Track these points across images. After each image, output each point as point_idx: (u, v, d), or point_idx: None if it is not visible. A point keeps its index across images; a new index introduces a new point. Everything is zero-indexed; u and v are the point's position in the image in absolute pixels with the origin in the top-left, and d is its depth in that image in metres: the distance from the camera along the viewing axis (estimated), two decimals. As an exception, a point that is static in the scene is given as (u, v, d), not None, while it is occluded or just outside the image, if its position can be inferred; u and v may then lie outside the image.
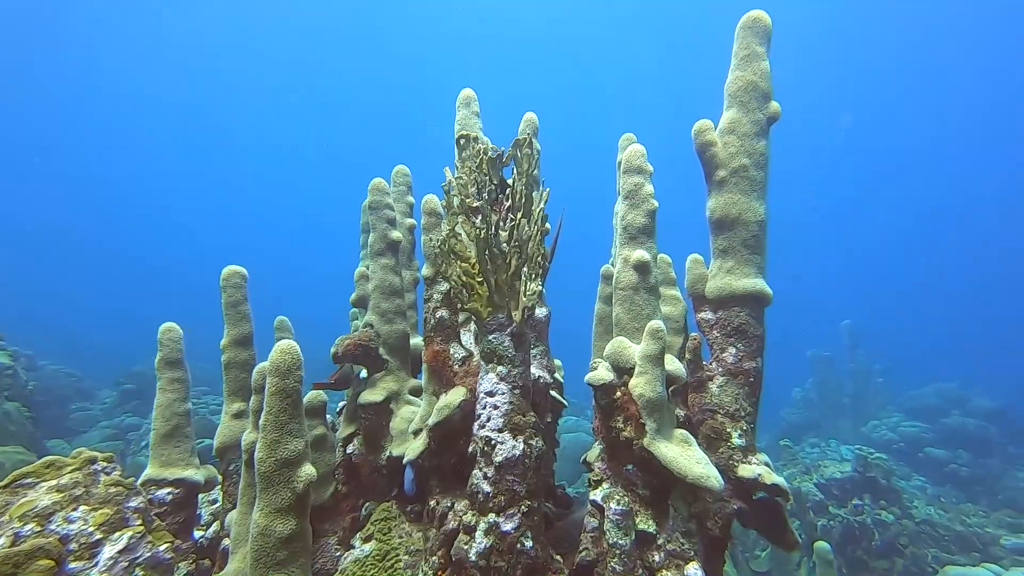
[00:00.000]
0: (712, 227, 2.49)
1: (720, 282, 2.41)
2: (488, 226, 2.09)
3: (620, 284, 2.22)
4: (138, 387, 9.31)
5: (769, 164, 2.37)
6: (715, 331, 2.42)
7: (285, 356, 1.49)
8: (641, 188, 2.20)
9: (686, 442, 1.85)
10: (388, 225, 2.75)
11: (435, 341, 2.29)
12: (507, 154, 2.25)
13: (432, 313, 2.31)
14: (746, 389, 2.25)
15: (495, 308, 2.11)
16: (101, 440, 7.64)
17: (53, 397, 8.92)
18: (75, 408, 9.01)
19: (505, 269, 2.11)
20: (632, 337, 2.14)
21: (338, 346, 2.48)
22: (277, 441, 1.45)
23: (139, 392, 9.18)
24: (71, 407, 9.06)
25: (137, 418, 8.45)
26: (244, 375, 2.28)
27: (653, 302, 2.17)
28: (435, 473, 2.15)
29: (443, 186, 2.20)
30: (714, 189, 2.46)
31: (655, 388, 1.90)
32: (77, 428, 8.27)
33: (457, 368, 2.26)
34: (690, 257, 2.65)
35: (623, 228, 2.25)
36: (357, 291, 2.80)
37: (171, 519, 1.96)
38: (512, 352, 2.07)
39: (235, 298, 2.26)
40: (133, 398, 9.20)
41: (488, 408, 2.04)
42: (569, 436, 8.67)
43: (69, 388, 9.71)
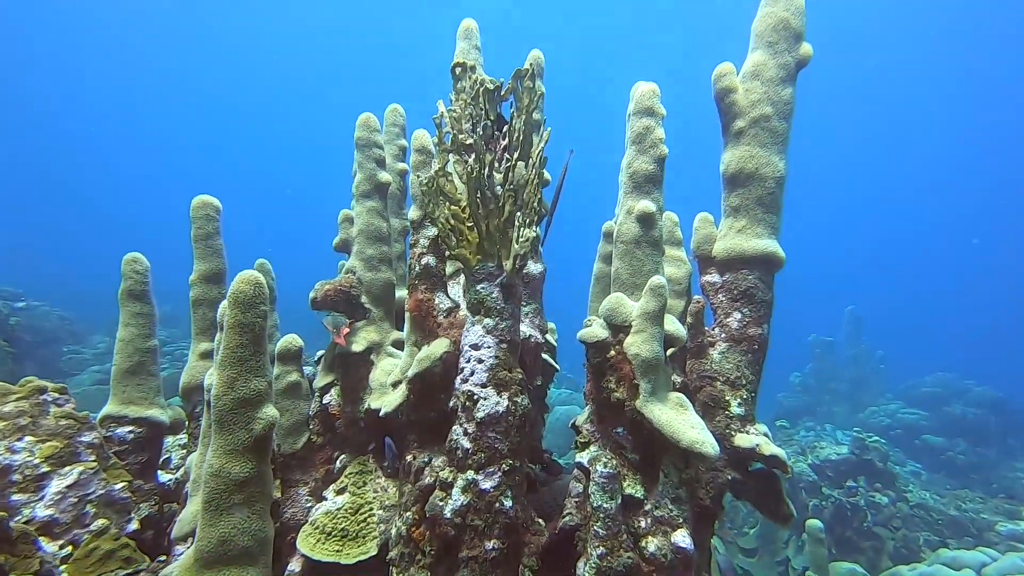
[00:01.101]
0: (725, 183, 2.34)
1: (729, 242, 2.27)
2: (481, 166, 1.95)
3: (621, 237, 2.08)
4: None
5: (793, 115, 2.19)
6: (720, 295, 2.30)
7: (247, 286, 1.37)
8: (651, 132, 2.03)
9: (681, 406, 1.75)
10: (376, 165, 2.60)
11: (419, 289, 2.17)
12: (506, 87, 2.08)
13: (417, 259, 2.19)
14: (749, 356, 2.14)
15: (485, 256, 1.98)
16: (91, 384, 7.65)
17: (44, 338, 8.90)
18: (67, 351, 9.02)
19: (498, 214, 1.97)
20: (631, 294, 2.02)
21: (317, 291, 2.36)
22: (234, 379, 1.35)
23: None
24: (63, 349, 9.07)
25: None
26: (213, 314, 2.18)
27: (655, 257, 2.04)
28: (413, 428, 2.07)
29: (434, 119, 2.03)
30: (731, 141, 2.30)
31: (652, 347, 1.79)
32: (68, 371, 8.28)
33: (442, 319, 2.15)
34: (699, 216, 2.51)
35: (628, 176, 2.10)
36: (340, 234, 2.67)
37: (132, 458, 1.88)
38: (500, 304, 1.95)
39: (205, 231, 2.13)
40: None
41: (472, 362, 1.94)
42: (563, 409, 8.68)
43: (62, 330, 9.68)
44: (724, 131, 2.34)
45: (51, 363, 8.43)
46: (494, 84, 2.07)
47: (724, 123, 2.33)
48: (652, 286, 1.81)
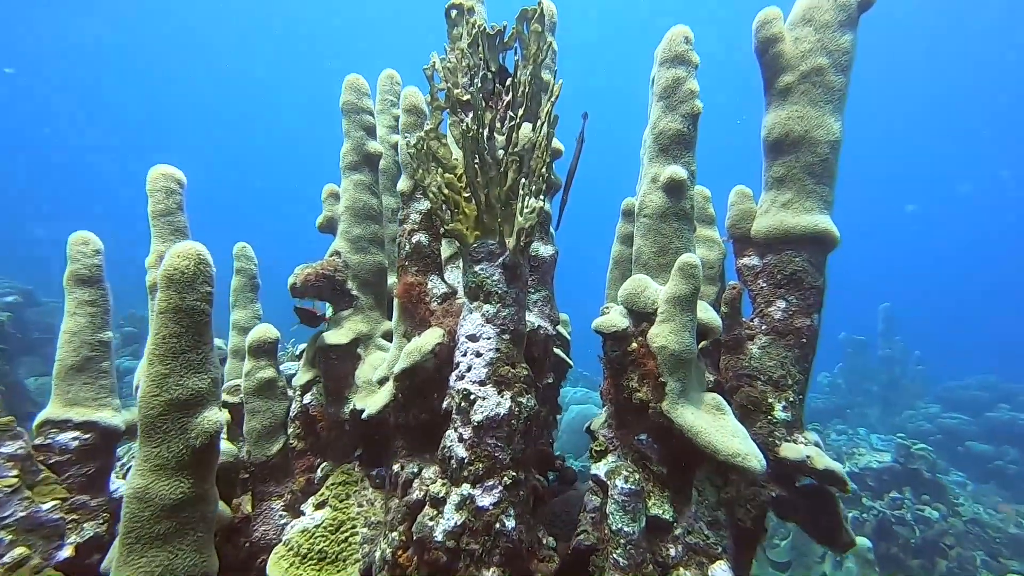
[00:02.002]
0: (767, 150, 2.06)
1: (772, 219, 1.99)
2: (480, 125, 1.69)
3: (645, 210, 1.81)
4: (140, 331, 9.27)
5: (852, 67, 1.90)
6: (761, 280, 2.02)
7: (185, 262, 1.14)
8: (682, 84, 1.76)
9: (718, 409, 1.49)
10: (365, 134, 2.36)
11: (409, 272, 1.93)
12: (510, 32, 1.82)
13: (407, 237, 1.95)
14: (796, 352, 1.86)
15: (484, 232, 1.74)
16: None
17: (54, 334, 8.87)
18: None
19: (499, 182, 1.72)
20: (656, 275, 1.76)
21: (296, 276, 2.14)
22: (166, 376, 1.11)
23: (140, 336, 9.14)
24: None
25: (133, 360, 8.39)
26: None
27: (685, 233, 1.77)
28: (401, 433, 1.83)
29: (425, 70, 1.78)
30: (775, 100, 2.01)
31: (682, 339, 1.53)
32: None
33: (435, 306, 1.91)
34: (734, 189, 2.23)
35: (654, 138, 1.83)
36: (325, 211, 2.44)
37: (76, 470, 1.67)
38: (503, 288, 1.70)
39: (165, 205, 1.91)
40: (133, 341, 9.13)
41: (469, 355, 1.70)
42: (579, 408, 8.37)
43: None
44: (767, 89, 2.06)
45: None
46: (496, 29, 1.81)
47: (767, 79, 2.04)
48: (682, 266, 1.55)
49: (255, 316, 2.63)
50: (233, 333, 2.56)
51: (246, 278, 2.64)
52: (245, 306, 2.61)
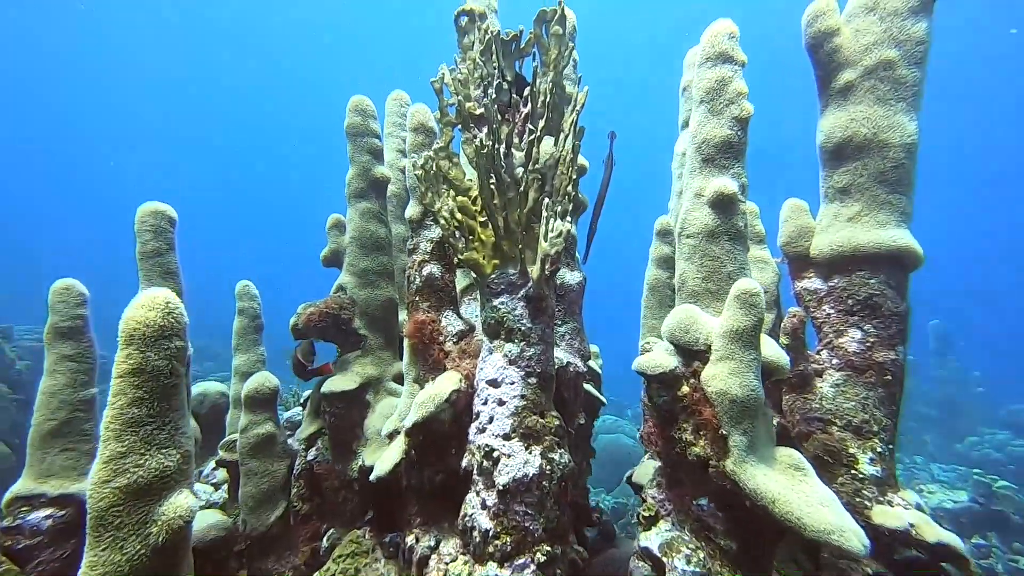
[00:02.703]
0: (826, 157, 1.84)
1: (837, 236, 1.76)
2: (496, 141, 1.53)
3: (689, 229, 1.60)
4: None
5: (928, 59, 1.68)
6: (827, 306, 1.78)
7: (149, 313, 0.96)
8: (727, 84, 1.57)
9: (797, 469, 1.24)
10: (371, 158, 2.22)
11: (420, 308, 1.75)
12: (527, 37, 1.66)
13: (417, 269, 1.77)
14: (879, 392, 1.60)
15: (503, 260, 1.55)
16: None
17: None
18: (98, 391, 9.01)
19: (519, 203, 1.54)
20: (706, 305, 1.53)
21: (298, 316, 1.97)
22: (123, 456, 0.91)
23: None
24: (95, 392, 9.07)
25: None
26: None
27: (739, 255, 1.55)
28: (415, 496, 1.62)
29: (432, 83, 1.63)
30: (833, 101, 1.80)
31: (745, 382, 1.29)
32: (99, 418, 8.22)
33: (450, 346, 1.71)
34: (788, 204, 2.01)
35: (695, 148, 1.64)
36: (329, 244, 2.29)
37: (48, 554, 1.49)
38: (527, 324, 1.51)
39: (154, 246, 1.77)
40: None
41: (490, 404, 1.49)
42: (607, 438, 7.96)
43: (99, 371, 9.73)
44: (822, 89, 1.85)
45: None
46: (511, 35, 1.66)
47: (822, 78, 1.84)
48: (740, 293, 1.33)
49: (258, 360, 2.47)
50: (235, 380, 2.40)
51: (248, 319, 2.50)
52: (248, 349, 2.45)
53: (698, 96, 1.65)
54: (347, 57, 37.77)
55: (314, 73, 37.75)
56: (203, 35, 31.95)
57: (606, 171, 2.40)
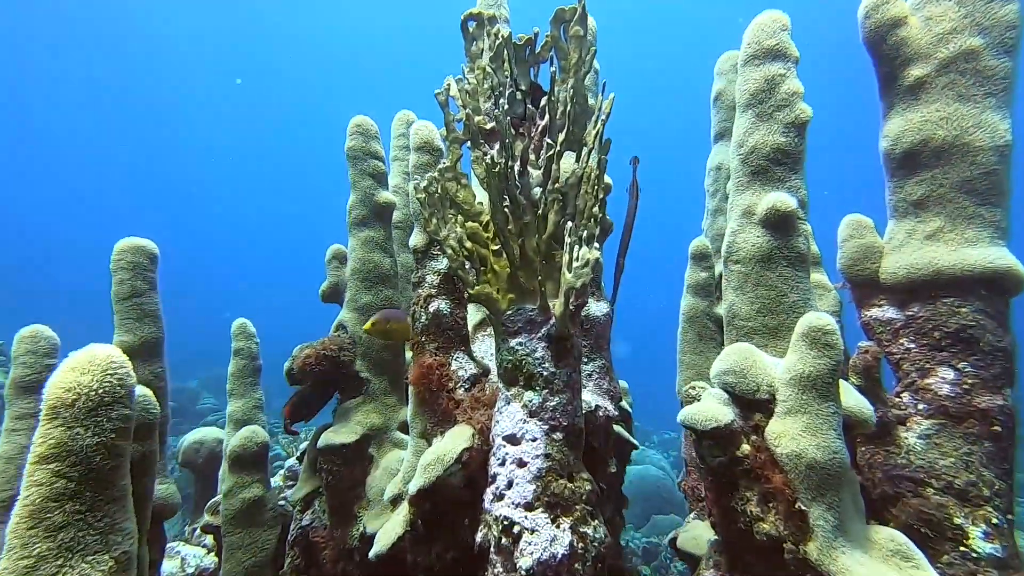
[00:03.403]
0: (895, 165, 1.63)
1: (913, 256, 1.53)
2: (509, 158, 1.36)
3: (737, 253, 1.40)
4: (179, 404, 9.32)
5: (1021, 46, 1.47)
6: (906, 339, 1.54)
7: (83, 377, 0.79)
8: (779, 84, 1.38)
9: (905, 558, 1.00)
10: (374, 182, 2.08)
11: (427, 350, 1.56)
12: (543, 41, 1.51)
13: (423, 305, 1.59)
14: (986, 446, 1.35)
15: (520, 294, 1.36)
16: None
17: None
18: None
19: (538, 228, 1.36)
20: (764, 342, 1.32)
21: (294, 359, 1.81)
22: (32, 569, 0.74)
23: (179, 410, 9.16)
24: None
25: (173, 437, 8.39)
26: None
27: (801, 281, 1.34)
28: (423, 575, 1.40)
29: (437, 96, 1.48)
30: (901, 101, 1.60)
31: (825, 442, 1.07)
32: None
33: (461, 393, 1.52)
34: (847, 220, 1.79)
35: (740, 160, 1.44)
36: (329, 278, 2.14)
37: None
38: (549, 368, 1.31)
39: (132, 286, 1.63)
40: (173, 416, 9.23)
41: (509, 465, 1.29)
42: (635, 470, 7.48)
43: None
44: (885, 89, 1.65)
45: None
46: (524, 39, 1.51)
47: (885, 75, 1.64)
48: (811, 331, 1.11)
49: (255, 406, 2.30)
50: (229, 427, 2.24)
51: (246, 360, 2.34)
52: (244, 394, 2.29)
53: (742, 100, 1.46)
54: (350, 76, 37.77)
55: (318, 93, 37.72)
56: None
57: (631, 200, 2.21)
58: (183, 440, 2.67)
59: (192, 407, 9.39)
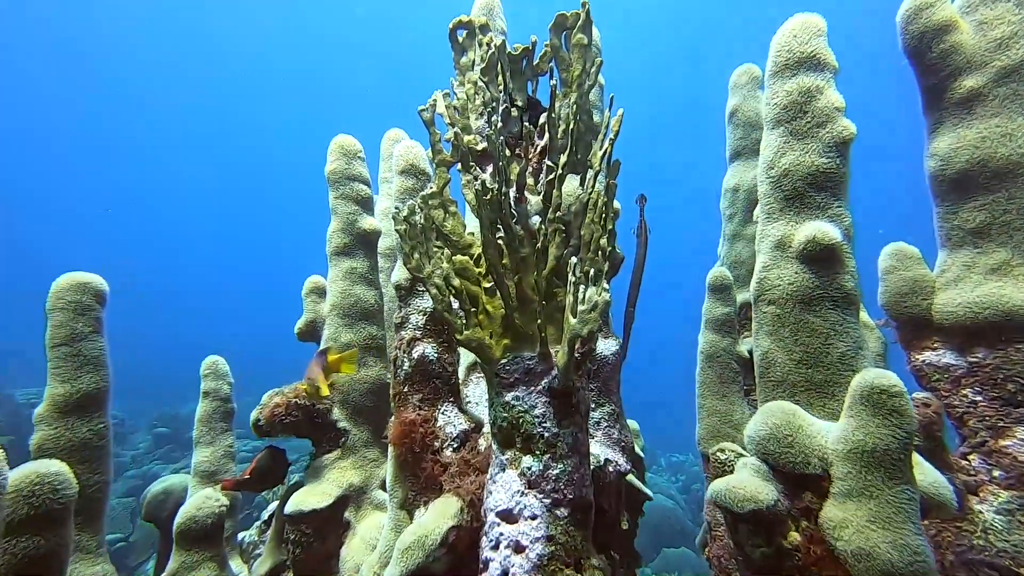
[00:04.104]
0: (945, 189, 1.45)
1: (975, 293, 1.35)
2: (504, 183, 1.19)
3: (772, 292, 1.21)
4: (173, 431, 9.07)
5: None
6: (969, 391, 1.34)
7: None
8: (815, 98, 1.22)
9: None
10: (358, 208, 1.92)
11: (410, 403, 1.37)
12: (542, 51, 1.35)
13: (406, 350, 1.40)
14: (1080, 524, 1.13)
15: (517, 339, 1.18)
16: (123, 494, 7.28)
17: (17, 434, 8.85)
18: None
19: (536, 263, 1.18)
20: (809, 400, 1.12)
21: (262, 409, 1.62)
22: None
23: (173, 436, 8.90)
24: None
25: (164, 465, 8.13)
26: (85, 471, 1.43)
27: (851, 327, 1.15)
28: None
29: (421, 112, 1.32)
30: (951, 116, 1.43)
31: (903, 539, 0.87)
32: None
33: (449, 454, 1.32)
34: (891, 250, 1.61)
35: (771, 184, 1.27)
36: (305, 314, 1.96)
37: None
38: (552, 428, 1.13)
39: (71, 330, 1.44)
40: (165, 442, 8.91)
41: (504, 549, 1.10)
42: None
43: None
44: (931, 103, 1.49)
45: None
46: (520, 49, 1.35)
47: (932, 89, 1.48)
48: (873, 391, 0.92)
49: (225, 455, 2.11)
50: (194, 481, 2.04)
51: (217, 402, 2.15)
52: (213, 441, 2.09)
53: (771, 115, 1.30)
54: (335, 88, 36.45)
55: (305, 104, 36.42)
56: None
57: (639, 244, 2.04)
58: (147, 490, 2.47)
59: (184, 434, 9.17)
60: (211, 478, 2.03)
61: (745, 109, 2.35)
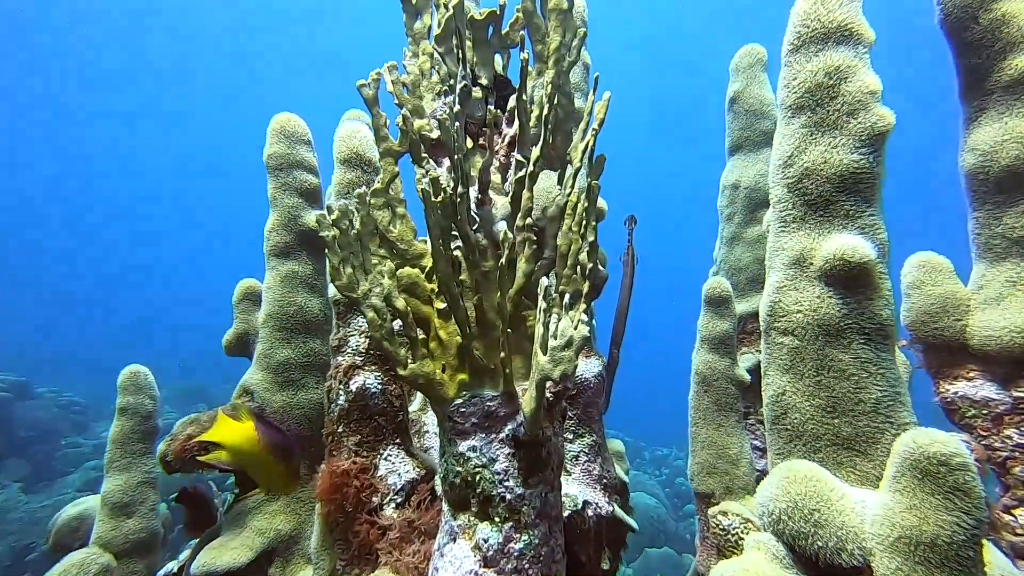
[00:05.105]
0: (985, 190, 1.29)
1: (1022, 315, 1.16)
2: (462, 181, 0.97)
3: (786, 320, 1.02)
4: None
5: None
6: (1014, 431, 1.18)
7: None
8: (847, 78, 1.02)
9: None
10: (301, 201, 1.68)
11: (344, 447, 1.15)
12: (512, 18, 1.13)
13: (343, 380, 1.18)
14: None
15: (476, 376, 0.98)
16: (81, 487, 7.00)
17: (39, 431, 8.49)
18: (65, 444, 8.54)
19: (501, 281, 0.96)
20: (835, 459, 0.93)
21: (171, 442, 1.39)
22: None
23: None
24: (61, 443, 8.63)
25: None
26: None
27: (887, 367, 0.96)
28: None
29: (361, 88, 1.09)
30: (998, 101, 1.26)
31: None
32: (62, 468, 7.73)
33: (390, 513, 1.11)
34: (916, 261, 1.43)
35: (787, 186, 1.08)
36: (236, 324, 1.72)
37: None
38: (515, 489, 0.93)
39: None
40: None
41: (452, 645, 0.89)
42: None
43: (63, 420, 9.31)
44: (970, 86, 1.30)
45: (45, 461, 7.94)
46: (486, 13, 1.12)
47: (971, 69, 1.29)
48: (926, 460, 0.74)
49: (144, 482, 1.86)
50: (102, 514, 1.80)
51: (135, 421, 1.90)
52: (128, 467, 1.85)
53: (790, 101, 1.09)
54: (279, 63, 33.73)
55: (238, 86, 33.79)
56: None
57: (626, 274, 1.83)
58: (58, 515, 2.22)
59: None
60: (124, 511, 1.79)
61: (748, 96, 2.15)
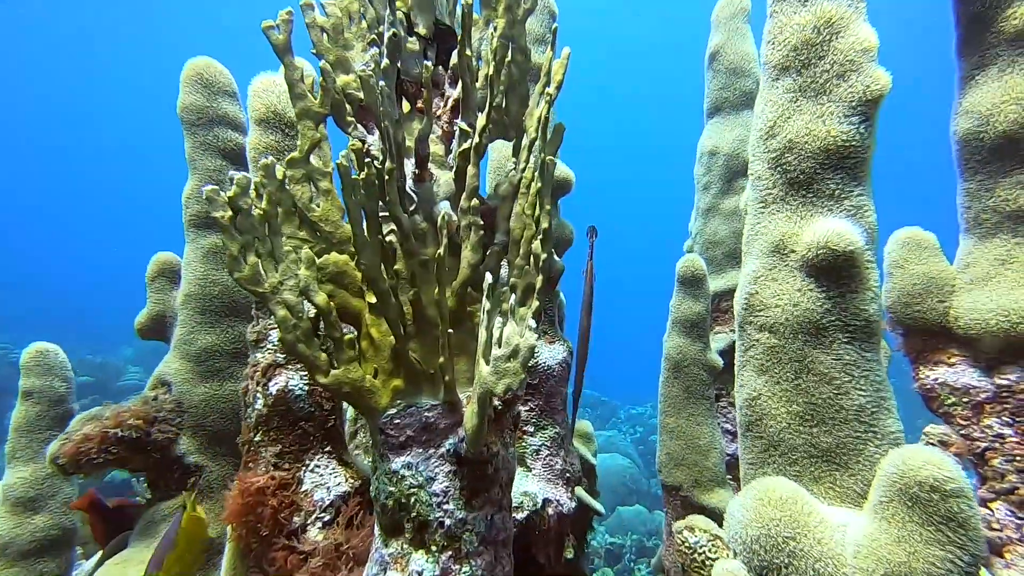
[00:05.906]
0: (980, 158, 1.25)
1: (1014, 296, 1.14)
2: (394, 154, 0.83)
3: (763, 315, 0.94)
4: (99, 380, 8.31)
5: None
6: (995, 419, 1.17)
7: None
8: (838, 34, 0.92)
9: None
10: (224, 163, 1.51)
11: (262, 459, 1.03)
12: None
13: (261, 381, 1.05)
14: None
15: (412, 381, 0.87)
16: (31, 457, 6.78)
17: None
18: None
19: (442, 273, 0.83)
20: (816, 472, 0.87)
21: (64, 442, 1.25)
22: None
23: (100, 385, 8.15)
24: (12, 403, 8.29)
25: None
26: None
27: (872, 369, 0.89)
28: None
29: (266, 31, 0.91)
30: (998, 56, 1.20)
31: None
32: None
33: (313, 535, 1.01)
34: (899, 237, 1.38)
35: (769, 161, 0.97)
36: (150, 305, 1.55)
37: None
38: (456, 513, 0.85)
39: None
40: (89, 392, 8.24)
41: None
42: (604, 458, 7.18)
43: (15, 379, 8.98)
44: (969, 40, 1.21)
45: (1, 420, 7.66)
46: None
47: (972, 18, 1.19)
48: (918, 486, 0.68)
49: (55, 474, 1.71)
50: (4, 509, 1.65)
51: (44, 406, 1.74)
52: (33, 458, 1.69)
53: (774, 60, 0.98)
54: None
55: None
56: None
57: (587, 286, 1.70)
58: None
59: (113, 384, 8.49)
60: (28, 507, 1.65)
61: (729, 51, 2.03)
